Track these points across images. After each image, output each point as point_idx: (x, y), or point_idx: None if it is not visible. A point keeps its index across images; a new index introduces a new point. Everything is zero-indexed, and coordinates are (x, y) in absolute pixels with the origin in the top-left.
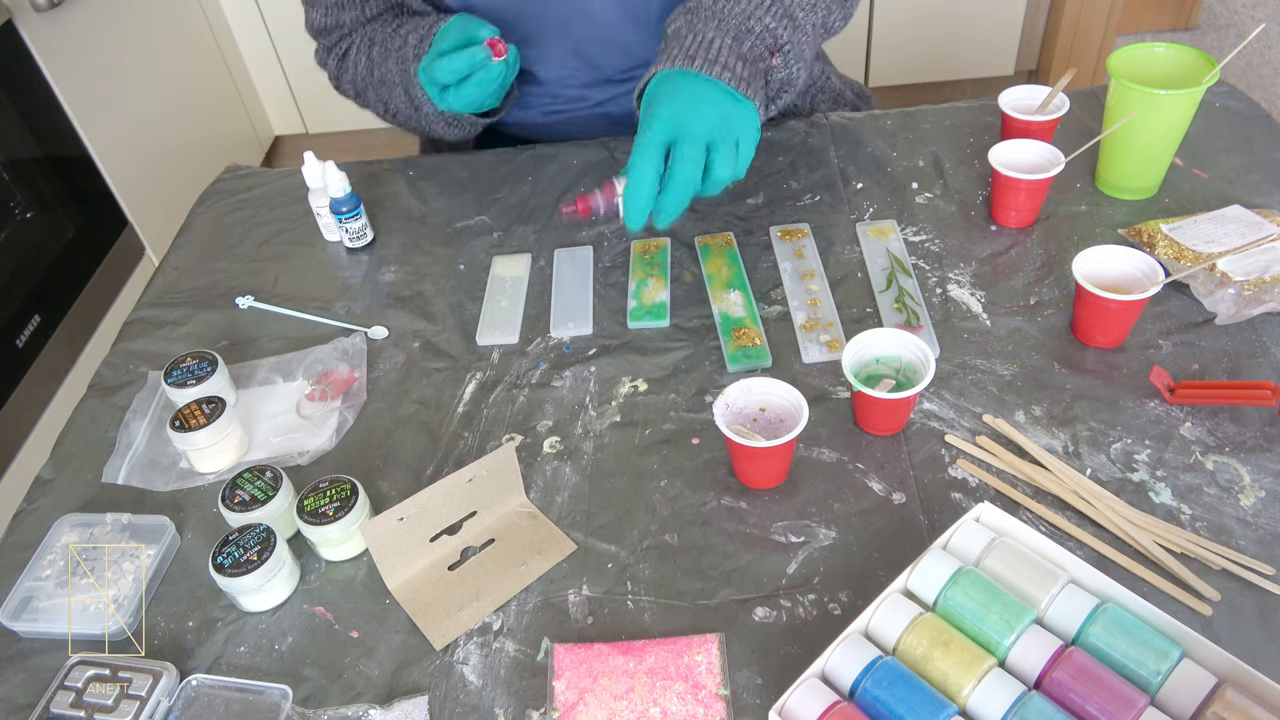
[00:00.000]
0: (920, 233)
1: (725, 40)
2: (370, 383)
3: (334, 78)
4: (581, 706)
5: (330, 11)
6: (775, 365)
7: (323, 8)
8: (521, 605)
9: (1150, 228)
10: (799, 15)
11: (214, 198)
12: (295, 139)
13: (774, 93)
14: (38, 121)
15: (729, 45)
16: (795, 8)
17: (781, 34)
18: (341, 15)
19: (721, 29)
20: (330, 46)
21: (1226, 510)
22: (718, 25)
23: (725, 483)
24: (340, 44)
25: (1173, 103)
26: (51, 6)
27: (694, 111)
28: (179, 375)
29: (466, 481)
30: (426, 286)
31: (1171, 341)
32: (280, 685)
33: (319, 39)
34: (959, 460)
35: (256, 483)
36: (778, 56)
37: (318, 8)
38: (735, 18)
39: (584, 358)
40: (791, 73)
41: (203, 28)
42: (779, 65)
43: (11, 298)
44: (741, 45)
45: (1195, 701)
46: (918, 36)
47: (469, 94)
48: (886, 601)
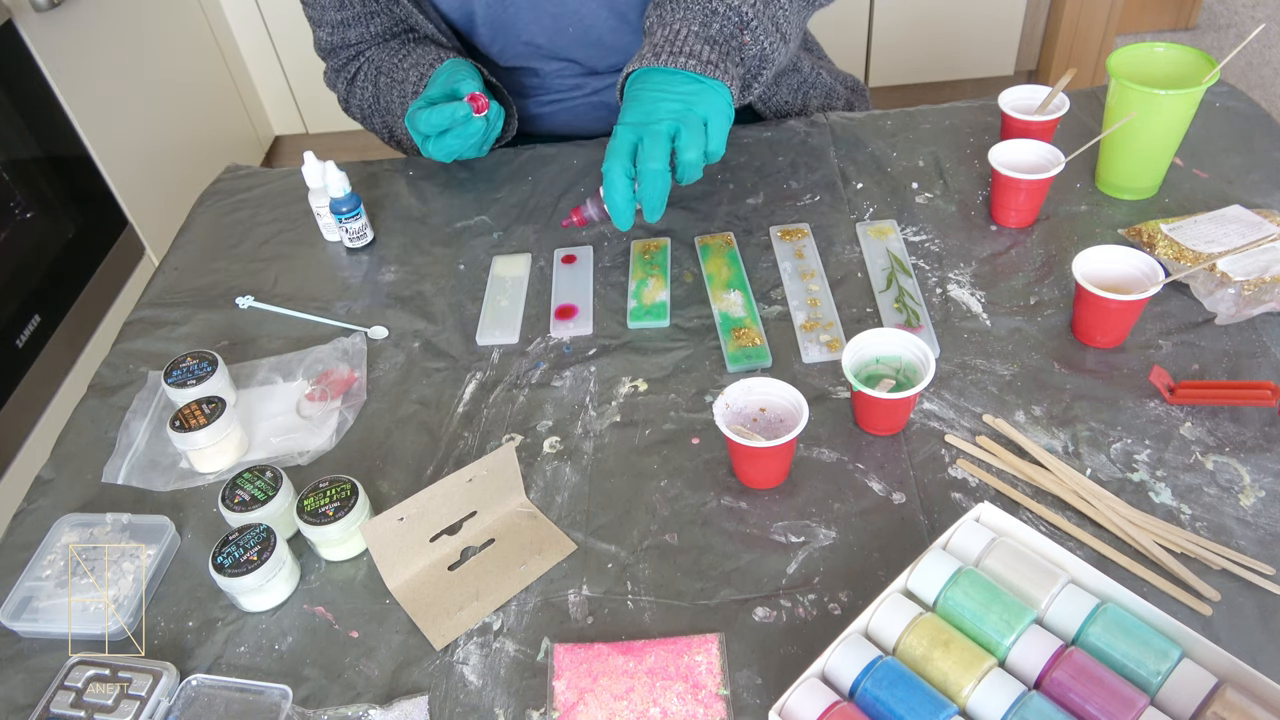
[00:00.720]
0: (920, 233)
1: (691, 27)
2: (370, 383)
3: (343, 100)
4: (581, 706)
5: (336, 30)
6: (775, 365)
7: (328, 27)
8: (521, 605)
9: (1150, 228)
10: None
11: (214, 198)
12: (295, 139)
13: (752, 70)
14: (38, 121)
15: (695, 32)
16: None
17: (746, 10)
18: (347, 33)
19: (688, 17)
20: (339, 68)
21: (1226, 510)
22: (684, 13)
23: (725, 483)
24: (348, 66)
25: (1173, 103)
26: (51, 6)
27: (656, 109)
28: (179, 375)
29: (466, 481)
30: (426, 286)
31: (1171, 341)
32: (280, 685)
33: (327, 59)
34: (959, 460)
35: (256, 483)
36: (747, 33)
37: (324, 28)
38: (699, 2)
39: (584, 358)
40: (764, 47)
41: (203, 28)
42: (750, 42)
43: (11, 298)
44: (709, 28)
45: (1195, 701)
46: (918, 36)
47: (449, 145)
48: (886, 601)
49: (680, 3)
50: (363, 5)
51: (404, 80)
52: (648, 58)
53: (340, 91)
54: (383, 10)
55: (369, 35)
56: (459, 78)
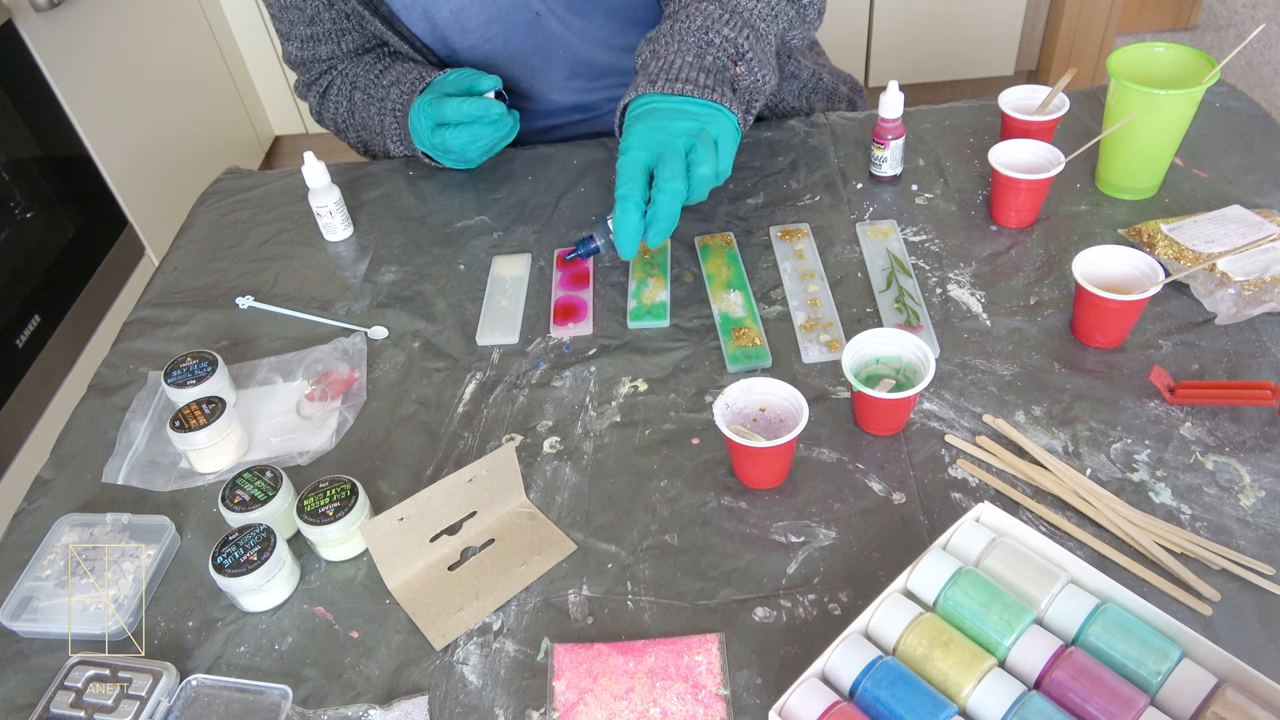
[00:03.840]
0: (920, 233)
1: (687, 58)
2: (370, 383)
3: (315, 112)
4: (581, 706)
5: (306, 46)
6: (775, 365)
7: (298, 41)
8: (521, 605)
9: (1150, 228)
10: (760, 25)
11: (214, 198)
12: (295, 139)
13: (745, 101)
14: (38, 121)
15: (690, 62)
16: (755, 18)
17: (742, 43)
18: (317, 49)
19: (682, 49)
20: (310, 82)
21: (1226, 510)
22: (678, 46)
23: (725, 483)
24: (320, 80)
25: (1173, 103)
26: (51, 6)
27: (668, 127)
28: (179, 375)
29: (466, 481)
30: (426, 286)
31: (1171, 341)
32: (280, 685)
33: (297, 71)
34: (959, 460)
35: (256, 483)
36: (741, 65)
37: (293, 42)
38: (694, 34)
39: (584, 358)
40: (758, 79)
41: (203, 28)
42: (744, 74)
43: (11, 298)
44: (703, 59)
45: (1195, 701)
46: (918, 36)
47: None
48: (886, 601)
49: (674, 36)
50: (333, 23)
51: (383, 98)
52: (644, 86)
53: (312, 104)
54: (354, 28)
55: (340, 51)
56: (476, 76)
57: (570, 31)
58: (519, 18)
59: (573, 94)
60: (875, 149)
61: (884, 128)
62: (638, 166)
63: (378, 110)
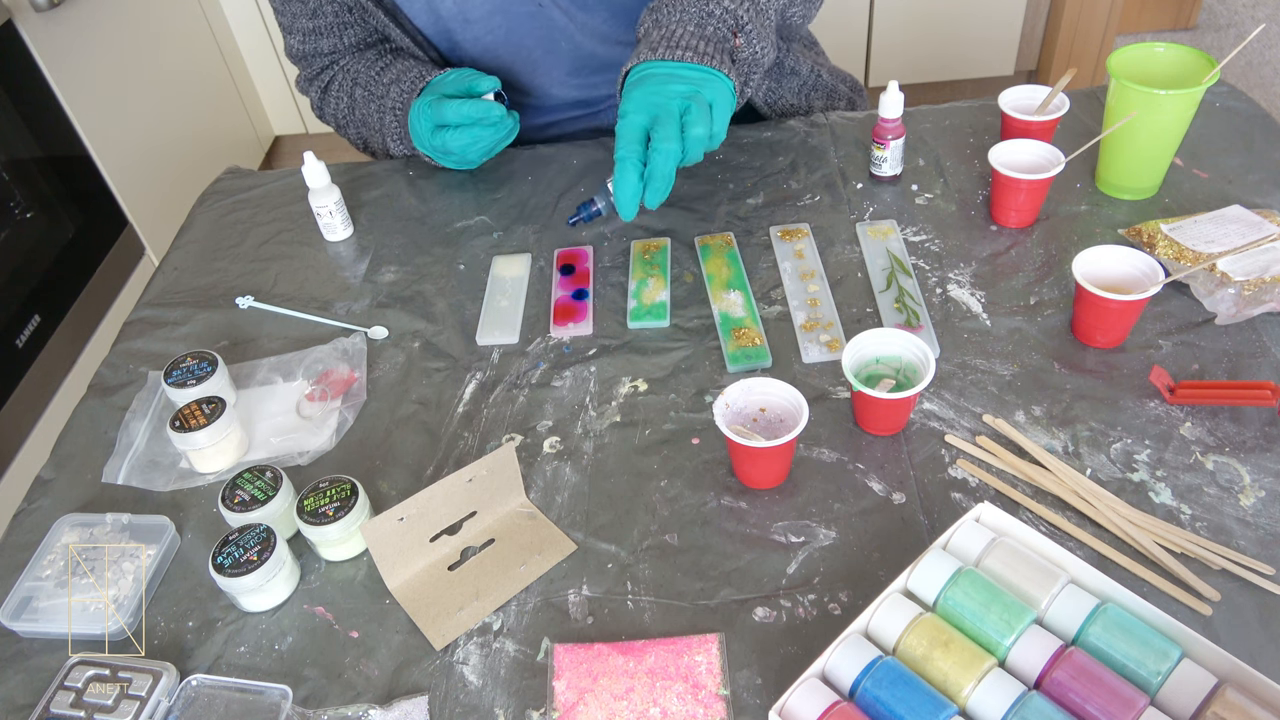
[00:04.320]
0: (920, 233)
1: (688, 27)
2: (370, 383)
3: (316, 107)
4: (581, 706)
5: (308, 39)
6: (775, 365)
7: (300, 35)
8: (521, 605)
9: (1150, 228)
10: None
11: (214, 198)
12: (295, 139)
13: (743, 73)
14: (38, 121)
15: (691, 31)
16: None
17: (742, 15)
18: (319, 43)
19: (684, 18)
20: (311, 77)
21: (1226, 510)
22: (680, 15)
23: (725, 483)
24: (321, 75)
25: (1173, 103)
26: (51, 6)
27: (664, 90)
28: (179, 375)
29: (466, 481)
30: (426, 286)
31: (1171, 341)
32: (280, 685)
33: (299, 65)
34: (959, 460)
35: (256, 483)
36: (740, 36)
37: (295, 34)
38: (695, 5)
39: (584, 358)
40: (756, 51)
41: (203, 28)
42: (742, 45)
43: (11, 298)
44: (704, 29)
45: (1195, 701)
46: (918, 36)
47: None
48: (886, 601)
49: (675, 6)
50: (335, 16)
51: (384, 95)
52: (645, 54)
53: (314, 98)
54: (356, 21)
55: (342, 45)
56: (475, 76)
57: (573, 24)
58: (522, 9)
59: (573, 89)
60: (875, 149)
61: (884, 128)
62: (636, 130)
63: (377, 108)
